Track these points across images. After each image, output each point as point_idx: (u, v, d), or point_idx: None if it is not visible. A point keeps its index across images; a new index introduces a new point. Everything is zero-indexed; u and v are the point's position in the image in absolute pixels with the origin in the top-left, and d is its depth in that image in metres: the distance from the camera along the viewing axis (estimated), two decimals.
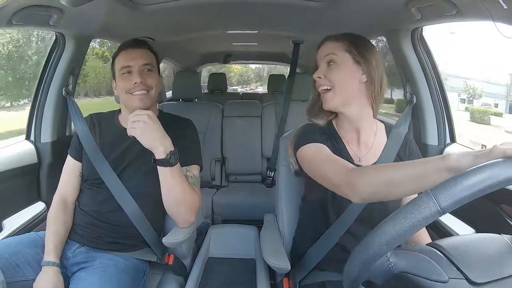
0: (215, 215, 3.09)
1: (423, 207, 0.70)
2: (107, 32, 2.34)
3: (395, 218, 0.73)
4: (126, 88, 1.63)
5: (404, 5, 1.67)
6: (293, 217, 1.67)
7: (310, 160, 1.33)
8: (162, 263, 1.72)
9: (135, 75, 1.63)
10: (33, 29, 1.81)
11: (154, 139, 1.48)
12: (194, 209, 1.61)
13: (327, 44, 1.44)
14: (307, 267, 1.46)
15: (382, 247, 0.73)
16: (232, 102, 3.87)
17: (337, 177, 1.16)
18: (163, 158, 1.48)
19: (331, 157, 1.27)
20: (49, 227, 1.59)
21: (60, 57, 2.13)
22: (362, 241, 0.77)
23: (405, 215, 0.72)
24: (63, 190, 1.69)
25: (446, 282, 0.72)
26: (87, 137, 1.72)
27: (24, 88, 6.58)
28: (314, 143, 1.34)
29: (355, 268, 0.78)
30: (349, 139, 1.45)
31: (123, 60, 1.66)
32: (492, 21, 1.30)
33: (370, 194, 1.06)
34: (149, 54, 1.71)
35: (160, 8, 2.05)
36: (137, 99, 1.63)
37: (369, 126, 1.47)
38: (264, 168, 3.59)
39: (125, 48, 1.69)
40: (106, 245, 1.59)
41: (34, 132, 2.16)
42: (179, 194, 1.53)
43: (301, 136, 1.41)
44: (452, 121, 2.09)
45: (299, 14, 2.30)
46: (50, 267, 1.46)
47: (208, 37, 3.53)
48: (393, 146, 1.46)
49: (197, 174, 1.69)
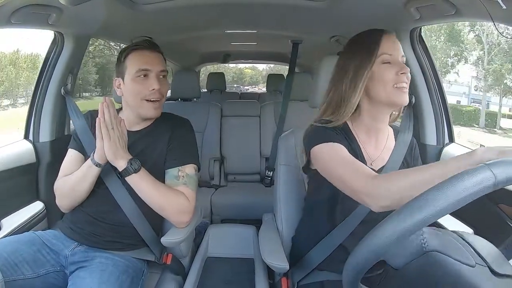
0: (214, 215, 3.09)
1: (479, 177, 0.66)
2: (105, 31, 2.34)
3: (442, 188, 0.68)
4: (142, 93, 1.61)
5: (403, 5, 1.67)
6: (292, 216, 1.67)
7: (327, 160, 1.29)
8: (160, 262, 1.72)
9: (153, 80, 1.61)
10: (31, 28, 1.80)
11: (117, 155, 1.51)
12: (182, 211, 1.60)
13: (398, 42, 1.36)
14: (307, 267, 1.46)
15: (427, 218, 0.68)
16: (231, 102, 3.89)
17: (357, 183, 1.13)
18: (124, 168, 1.50)
19: (350, 160, 1.23)
20: (65, 180, 1.64)
21: (58, 57, 2.12)
22: (399, 210, 0.72)
23: (454, 185, 0.67)
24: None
25: (473, 266, 0.71)
26: (87, 134, 1.71)
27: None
28: (331, 142, 1.29)
29: (372, 246, 0.73)
30: (365, 141, 1.42)
31: (140, 62, 1.61)
32: (491, 21, 1.31)
33: (393, 202, 1.02)
34: (164, 60, 1.69)
35: (159, 7, 2.04)
36: (152, 108, 1.63)
37: (386, 129, 1.46)
38: (262, 168, 3.59)
39: (141, 49, 1.64)
40: (104, 244, 1.59)
41: (33, 131, 2.16)
42: (157, 199, 1.55)
43: (317, 133, 1.35)
44: (450, 121, 2.09)
45: (298, 14, 2.30)
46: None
47: (207, 37, 3.52)
48: (400, 150, 1.45)
49: (191, 173, 1.67)
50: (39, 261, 1.50)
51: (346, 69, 1.36)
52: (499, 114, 13.75)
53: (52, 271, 1.51)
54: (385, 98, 1.31)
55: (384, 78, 1.29)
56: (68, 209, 1.67)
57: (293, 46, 3.45)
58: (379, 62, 1.30)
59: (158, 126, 1.73)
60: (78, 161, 1.69)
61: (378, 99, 1.33)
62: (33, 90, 2.16)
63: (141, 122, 1.71)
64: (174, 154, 1.67)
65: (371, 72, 1.31)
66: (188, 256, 1.96)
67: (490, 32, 15.08)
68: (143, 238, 1.65)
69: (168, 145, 1.68)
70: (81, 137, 1.71)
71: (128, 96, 1.65)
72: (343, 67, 1.38)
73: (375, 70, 1.30)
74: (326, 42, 3.01)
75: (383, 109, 1.37)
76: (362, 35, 1.40)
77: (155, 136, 1.70)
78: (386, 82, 1.29)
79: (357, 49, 1.35)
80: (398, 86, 1.29)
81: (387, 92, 1.30)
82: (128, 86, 1.63)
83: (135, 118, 1.69)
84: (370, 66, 1.30)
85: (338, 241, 1.36)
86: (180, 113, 1.86)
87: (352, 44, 1.41)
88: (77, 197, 1.61)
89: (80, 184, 1.57)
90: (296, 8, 2.16)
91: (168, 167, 1.67)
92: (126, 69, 1.63)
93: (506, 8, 1.18)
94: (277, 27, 2.97)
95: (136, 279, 1.57)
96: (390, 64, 1.30)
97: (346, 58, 1.39)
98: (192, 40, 3.57)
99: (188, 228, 1.63)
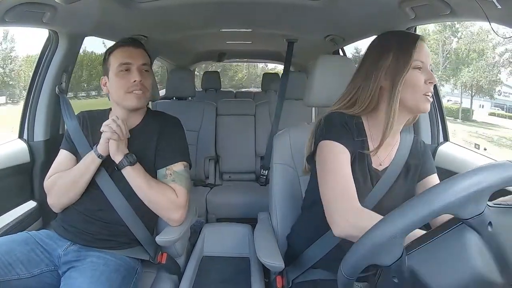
0: (209, 214, 3.09)
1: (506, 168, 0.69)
2: (100, 30, 2.33)
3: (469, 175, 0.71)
4: (124, 86, 1.63)
5: (398, 4, 1.67)
6: (287, 215, 1.68)
7: (325, 160, 1.30)
8: (155, 262, 1.72)
9: (135, 73, 1.64)
10: (26, 27, 1.79)
11: (119, 150, 1.58)
12: (172, 206, 1.63)
13: (429, 51, 1.34)
14: (302, 265, 1.46)
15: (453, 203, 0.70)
16: (226, 101, 3.88)
17: (337, 209, 1.19)
18: (121, 160, 1.58)
19: (344, 179, 1.24)
20: (62, 176, 1.66)
21: (53, 55, 2.10)
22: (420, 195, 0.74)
23: (479, 174, 0.70)
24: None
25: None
26: (79, 134, 1.72)
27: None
28: (340, 144, 1.29)
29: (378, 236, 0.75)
30: (377, 140, 1.37)
31: (121, 57, 1.66)
32: (486, 21, 1.31)
33: (351, 235, 1.12)
34: (147, 55, 1.73)
35: (154, 6, 2.04)
36: (135, 98, 1.65)
37: (399, 131, 1.44)
38: (258, 167, 3.60)
39: (124, 46, 1.69)
40: (97, 243, 1.60)
41: (27, 130, 2.14)
42: (147, 192, 1.61)
43: (332, 126, 1.34)
44: (445, 121, 2.10)
45: (294, 13, 2.30)
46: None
47: (202, 36, 3.52)
48: (403, 150, 1.43)
49: (179, 170, 1.69)
50: (33, 261, 1.49)
51: (376, 68, 1.34)
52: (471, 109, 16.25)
53: (46, 270, 1.51)
54: (412, 104, 1.30)
55: (415, 84, 1.28)
56: (61, 208, 1.67)
57: (288, 45, 3.44)
58: (412, 67, 1.28)
59: (148, 124, 1.75)
60: (70, 161, 1.71)
61: (404, 103, 1.30)
62: (27, 89, 2.14)
63: (129, 119, 1.71)
64: (163, 154, 1.70)
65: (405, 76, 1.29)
66: (183, 255, 1.96)
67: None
68: (137, 237, 1.66)
69: (157, 144, 1.70)
70: (73, 137, 1.72)
71: (113, 91, 1.68)
72: (372, 65, 1.35)
73: (407, 74, 1.28)
74: (321, 41, 3.02)
75: (405, 113, 1.35)
76: (396, 35, 1.39)
77: (144, 134, 1.71)
78: (416, 89, 1.28)
79: (391, 49, 1.32)
80: (427, 94, 1.28)
81: (416, 98, 1.29)
82: (112, 81, 1.67)
83: (122, 116, 1.69)
84: (407, 71, 1.28)
85: (336, 240, 1.34)
86: (175, 112, 1.87)
87: (385, 43, 1.38)
88: (76, 193, 1.63)
89: (83, 176, 1.61)
90: (291, 7, 2.16)
91: (158, 168, 1.69)
92: (110, 65, 1.68)
93: (501, 8, 1.18)
94: (273, 26, 2.97)
95: (128, 277, 1.57)
96: (420, 71, 1.29)
97: (377, 56, 1.35)
98: (187, 38, 3.56)
99: (182, 226, 1.64)
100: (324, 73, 1.75)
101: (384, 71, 1.32)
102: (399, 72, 1.28)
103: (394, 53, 1.31)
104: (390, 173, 1.37)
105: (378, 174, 1.37)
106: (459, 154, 1.92)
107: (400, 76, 1.27)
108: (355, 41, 2.87)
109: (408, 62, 1.28)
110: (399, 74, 1.28)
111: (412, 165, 1.41)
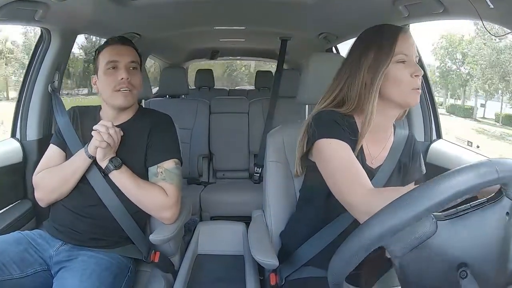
0: (203, 212, 3.09)
1: (482, 170, 0.68)
2: (93, 28, 2.32)
3: (449, 177, 0.69)
4: (111, 84, 1.63)
5: (392, 2, 1.68)
6: (280, 213, 1.68)
7: (328, 159, 1.25)
8: (148, 261, 1.71)
9: (122, 70, 1.63)
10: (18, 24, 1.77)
11: (105, 157, 1.58)
12: (161, 206, 1.63)
13: (414, 42, 1.31)
14: (296, 263, 1.46)
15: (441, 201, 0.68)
16: (219, 98, 3.88)
17: (352, 198, 1.14)
18: (106, 165, 1.59)
19: (349, 166, 1.21)
20: (51, 172, 1.66)
21: (45, 54, 2.09)
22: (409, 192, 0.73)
23: (460, 175, 0.68)
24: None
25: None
26: (69, 130, 1.71)
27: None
28: (337, 139, 1.25)
29: (370, 233, 0.74)
30: (368, 137, 1.34)
31: (109, 55, 1.65)
32: (479, 20, 1.32)
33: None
34: (135, 52, 1.72)
35: (147, 3, 2.03)
36: (122, 96, 1.63)
37: (390, 127, 1.43)
38: (251, 165, 3.60)
39: (112, 44, 1.69)
40: (88, 241, 1.59)
41: (20, 129, 2.13)
42: (136, 193, 1.62)
43: (326, 124, 1.30)
44: (438, 118, 2.12)
45: (287, 10, 2.30)
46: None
47: (195, 33, 3.51)
48: (396, 147, 1.42)
49: (170, 168, 1.68)
50: (27, 261, 1.48)
51: (359, 64, 1.30)
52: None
53: (40, 270, 1.50)
54: (399, 98, 1.27)
55: (399, 78, 1.24)
56: (49, 203, 1.68)
57: (281, 43, 3.45)
58: (394, 61, 1.24)
59: (137, 121, 1.74)
60: (59, 156, 1.71)
61: (390, 99, 1.28)
62: (19, 88, 2.13)
63: (119, 117, 1.71)
64: (153, 152, 1.69)
65: (386, 71, 1.24)
66: (177, 254, 1.96)
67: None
68: (128, 235, 1.65)
69: (148, 142, 1.70)
70: (63, 132, 1.71)
71: (102, 89, 1.68)
72: (355, 62, 1.32)
73: (390, 69, 1.24)
74: (314, 39, 3.02)
75: (393, 108, 1.32)
76: (377, 30, 1.34)
77: (134, 131, 1.71)
78: (401, 83, 1.24)
79: (372, 44, 1.29)
80: (414, 88, 1.25)
81: (402, 93, 1.25)
82: (100, 80, 1.67)
83: (112, 113, 1.70)
84: (387, 65, 1.24)
85: (330, 238, 1.34)
86: (168, 110, 1.87)
87: (366, 39, 1.34)
88: (67, 189, 1.62)
89: (73, 175, 1.60)
90: (284, 5, 2.17)
91: (148, 165, 1.69)
92: (99, 64, 1.68)
93: (494, 7, 1.19)
94: (266, 24, 2.97)
95: (120, 276, 1.56)
96: (404, 64, 1.24)
97: (359, 53, 1.32)
98: (181, 36, 3.56)
99: (176, 225, 1.64)
100: (317, 70, 1.75)
101: (367, 67, 1.28)
102: (380, 67, 1.24)
103: (375, 48, 1.28)
104: (384, 170, 1.37)
105: (372, 172, 1.35)
106: (452, 151, 1.94)
107: (380, 70, 1.24)
108: (348, 39, 2.88)
109: (388, 55, 1.24)
110: (380, 69, 1.24)
111: (403, 162, 1.41)
